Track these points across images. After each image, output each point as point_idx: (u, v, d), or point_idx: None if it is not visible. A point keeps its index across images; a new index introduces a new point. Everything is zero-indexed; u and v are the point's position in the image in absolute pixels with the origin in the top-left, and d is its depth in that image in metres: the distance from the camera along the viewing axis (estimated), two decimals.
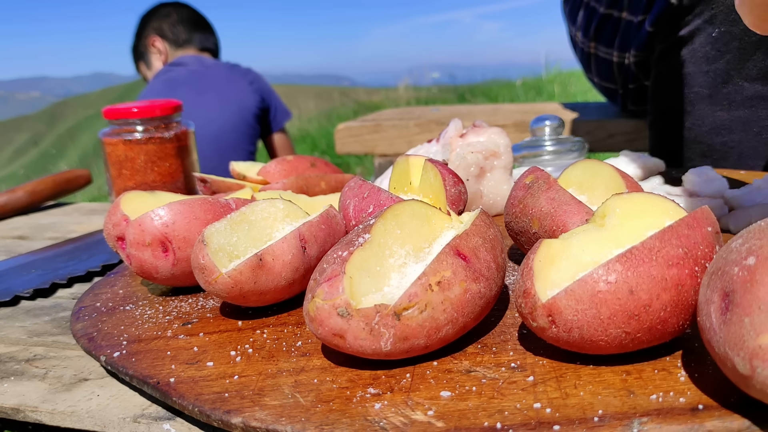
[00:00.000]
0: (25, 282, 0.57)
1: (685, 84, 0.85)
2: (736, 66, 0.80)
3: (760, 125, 0.80)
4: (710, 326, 0.27)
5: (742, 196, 0.56)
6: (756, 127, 0.80)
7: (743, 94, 0.80)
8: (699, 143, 0.85)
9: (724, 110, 0.82)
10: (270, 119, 1.81)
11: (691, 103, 0.85)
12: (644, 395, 0.29)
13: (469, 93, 5.62)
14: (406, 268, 0.35)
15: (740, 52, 0.79)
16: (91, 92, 19.78)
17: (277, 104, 1.81)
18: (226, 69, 1.73)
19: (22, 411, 0.37)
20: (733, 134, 0.82)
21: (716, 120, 0.83)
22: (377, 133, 1.31)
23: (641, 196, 0.35)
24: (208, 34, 1.83)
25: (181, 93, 1.66)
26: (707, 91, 0.83)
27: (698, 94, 0.84)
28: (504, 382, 0.31)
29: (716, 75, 0.82)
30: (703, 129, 0.85)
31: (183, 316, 0.44)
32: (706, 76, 0.83)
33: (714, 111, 0.83)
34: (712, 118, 0.84)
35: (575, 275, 0.31)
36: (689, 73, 0.84)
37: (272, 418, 0.30)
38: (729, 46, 0.79)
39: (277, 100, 1.82)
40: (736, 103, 0.81)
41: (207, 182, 0.62)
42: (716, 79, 0.82)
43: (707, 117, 0.84)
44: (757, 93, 0.79)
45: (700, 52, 0.82)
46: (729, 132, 0.82)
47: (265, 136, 1.85)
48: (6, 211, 0.89)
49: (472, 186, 0.59)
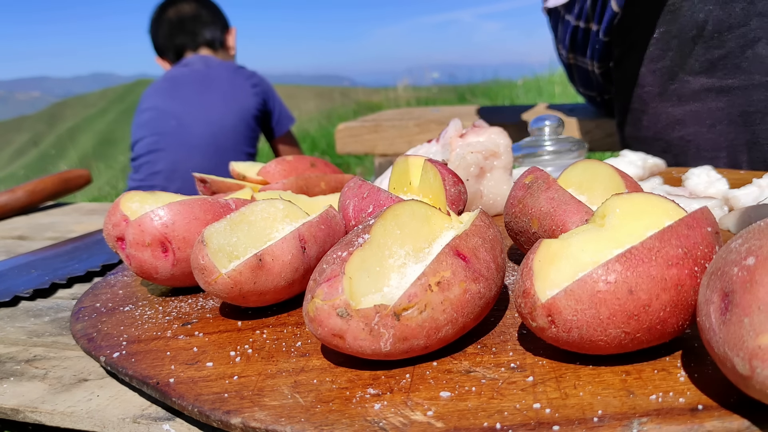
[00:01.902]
0: (24, 282, 0.57)
1: (638, 84, 0.90)
2: (679, 62, 0.84)
3: (711, 117, 0.83)
4: (710, 326, 0.27)
5: (742, 196, 0.56)
6: (708, 119, 0.83)
7: (690, 88, 0.84)
8: (658, 140, 0.89)
9: (675, 105, 0.86)
10: (273, 124, 1.81)
11: (644, 102, 0.90)
12: (644, 395, 0.29)
13: (469, 93, 5.62)
14: (405, 268, 0.35)
15: (680, 48, 0.83)
16: (91, 92, 19.78)
17: (280, 109, 1.82)
18: (231, 70, 1.73)
19: (22, 411, 0.37)
20: (687, 128, 0.86)
21: (669, 116, 0.87)
22: (377, 133, 1.31)
23: (641, 196, 0.34)
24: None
25: (184, 92, 1.67)
26: (657, 89, 0.87)
27: (650, 93, 0.88)
28: (503, 382, 0.31)
29: (663, 73, 0.86)
30: (659, 126, 0.89)
31: (183, 317, 0.44)
32: (654, 75, 0.87)
33: (666, 107, 0.87)
34: (665, 115, 0.87)
35: (575, 275, 0.31)
36: (640, 74, 0.89)
37: (272, 418, 0.30)
38: (670, 44, 0.84)
39: (280, 105, 1.83)
40: (684, 97, 0.85)
41: (207, 182, 0.62)
42: (663, 76, 0.86)
43: (661, 114, 0.88)
44: (703, 86, 0.82)
45: (646, 54, 0.87)
46: (683, 126, 0.86)
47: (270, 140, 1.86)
48: (6, 211, 0.89)
49: (472, 186, 0.59)
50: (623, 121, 0.96)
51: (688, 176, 0.63)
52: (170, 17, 1.78)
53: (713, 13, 0.78)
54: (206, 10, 1.80)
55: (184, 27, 1.78)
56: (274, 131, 1.83)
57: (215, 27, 1.81)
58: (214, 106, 1.65)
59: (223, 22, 1.84)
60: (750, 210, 0.51)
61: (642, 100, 0.90)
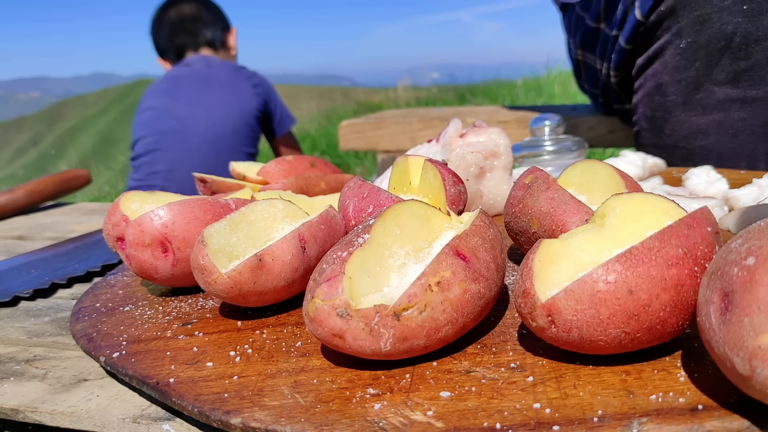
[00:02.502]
0: (24, 282, 0.57)
1: (661, 93, 0.90)
2: (705, 72, 0.84)
3: (734, 127, 0.84)
4: (710, 326, 0.27)
5: (742, 196, 0.56)
6: (731, 129, 0.84)
7: (714, 98, 0.84)
8: (680, 148, 0.90)
9: (699, 115, 0.86)
10: (274, 124, 1.82)
11: (668, 111, 0.90)
12: (644, 395, 0.29)
13: (469, 93, 5.62)
14: (405, 268, 0.35)
15: (707, 59, 0.83)
16: (91, 92, 19.79)
17: (281, 110, 1.83)
18: (232, 70, 1.74)
19: (22, 411, 0.37)
20: (709, 137, 0.86)
21: (693, 125, 0.88)
22: (380, 129, 1.31)
23: (641, 196, 0.34)
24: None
25: (185, 92, 1.68)
26: (681, 98, 0.88)
27: (673, 102, 0.89)
28: (503, 382, 0.31)
29: (688, 83, 0.86)
30: (681, 134, 0.89)
31: (182, 317, 0.44)
32: (679, 85, 0.87)
33: (689, 117, 0.88)
34: (688, 124, 0.88)
35: (575, 275, 0.31)
36: (664, 83, 0.89)
37: (271, 418, 0.30)
38: (697, 54, 0.84)
39: (281, 105, 1.84)
40: (709, 108, 0.85)
41: (207, 182, 0.62)
42: (688, 86, 0.86)
43: (684, 123, 0.88)
44: (727, 96, 0.83)
45: (671, 63, 0.87)
46: (706, 136, 0.87)
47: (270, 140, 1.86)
48: (6, 211, 0.89)
49: (472, 186, 0.59)
50: (643, 128, 0.96)
51: (688, 176, 0.63)
52: (171, 18, 1.79)
53: (742, 26, 0.79)
54: (207, 11, 1.81)
55: (184, 27, 1.78)
56: (275, 132, 1.83)
57: (216, 27, 1.81)
58: (214, 106, 1.66)
59: (224, 22, 1.85)
60: (750, 210, 0.51)
61: (665, 109, 0.90)
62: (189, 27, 1.78)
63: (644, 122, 0.96)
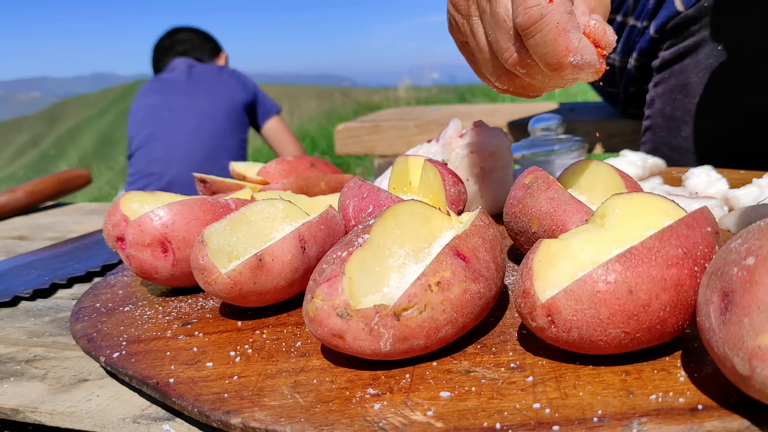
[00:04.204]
0: (24, 282, 0.57)
1: (686, 93, 0.85)
2: (740, 79, 0.80)
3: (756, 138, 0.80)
4: (709, 326, 0.27)
5: (742, 196, 0.56)
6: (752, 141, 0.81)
7: (744, 107, 0.80)
8: (694, 153, 0.86)
9: (724, 123, 0.82)
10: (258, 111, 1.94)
11: (690, 112, 0.85)
12: (644, 395, 0.29)
13: (469, 93, 5.61)
14: (405, 268, 0.35)
15: (745, 65, 0.79)
16: (91, 92, 19.80)
17: (264, 97, 1.96)
18: (215, 69, 1.90)
19: (22, 411, 0.37)
20: (728, 146, 0.83)
21: (714, 131, 0.83)
22: (376, 134, 1.31)
23: (641, 196, 0.34)
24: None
25: (174, 87, 1.82)
26: (709, 102, 0.82)
27: (699, 105, 0.83)
28: (503, 382, 0.31)
29: (719, 87, 0.81)
30: (701, 139, 0.85)
31: (182, 317, 0.44)
32: (709, 88, 0.82)
33: (714, 123, 0.83)
34: (710, 129, 0.83)
35: (574, 275, 0.31)
36: (691, 83, 0.84)
37: (271, 418, 0.30)
38: (735, 58, 0.79)
39: (263, 94, 1.98)
40: (736, 117, 0.81)
41: (207, 182, 0.62)
42: (718, 91, 0.81)
43: (705, 128, 0.84)
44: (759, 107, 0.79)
45: (704, 63, 0.82)
46: (726, 144, 0.83)
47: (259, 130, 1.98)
48: (6, 211, 0.89)
49: (472, 186, 0.59)
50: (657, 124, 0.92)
51: (688, 176, 0.63)
52: (165, 44, 1.99)
53: None
54: (197, 36, 2.00)
55: (175, 48, 1.98)
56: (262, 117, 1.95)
57: (204, 49, 2.00)
58: (203, 97, 1.80)
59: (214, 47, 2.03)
60: (750, 210, 0.51)
61: (686, 110, 0.85)
62: (179, 48, 1.97)
63: (660, 118, 0.91)
